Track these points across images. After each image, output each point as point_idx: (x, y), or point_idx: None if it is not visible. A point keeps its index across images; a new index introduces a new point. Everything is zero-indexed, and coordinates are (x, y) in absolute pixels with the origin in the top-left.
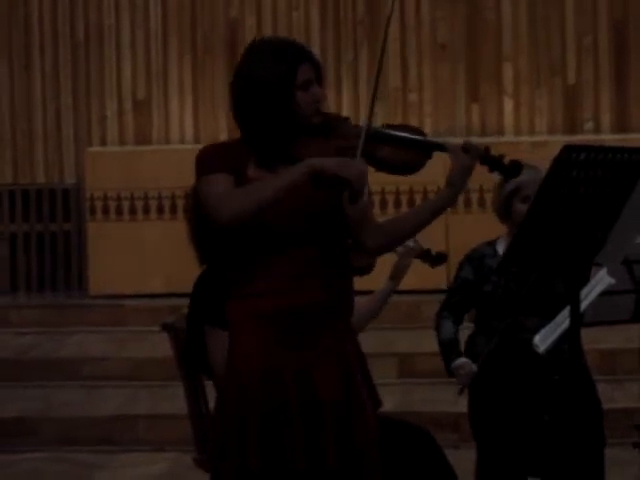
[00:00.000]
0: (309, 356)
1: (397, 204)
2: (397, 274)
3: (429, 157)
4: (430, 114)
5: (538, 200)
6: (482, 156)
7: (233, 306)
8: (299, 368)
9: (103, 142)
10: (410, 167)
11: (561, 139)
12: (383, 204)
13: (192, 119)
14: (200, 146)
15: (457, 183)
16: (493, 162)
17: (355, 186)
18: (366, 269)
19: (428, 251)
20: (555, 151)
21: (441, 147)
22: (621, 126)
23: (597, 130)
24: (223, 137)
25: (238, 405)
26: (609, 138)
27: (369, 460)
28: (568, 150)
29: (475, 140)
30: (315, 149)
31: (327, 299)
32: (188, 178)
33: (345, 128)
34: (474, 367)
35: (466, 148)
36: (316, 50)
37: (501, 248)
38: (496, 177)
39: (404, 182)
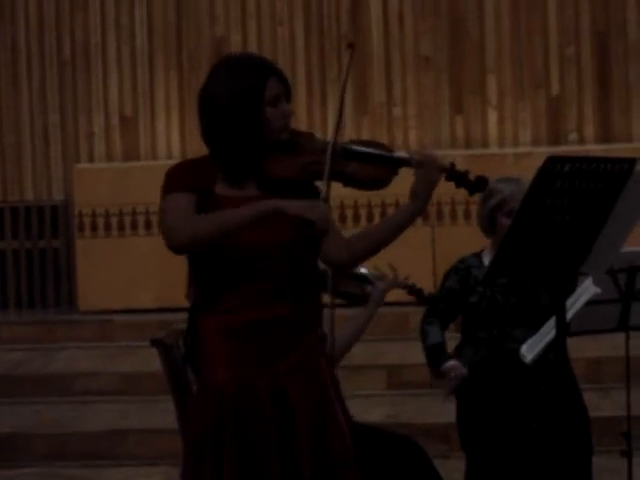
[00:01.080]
0: (280, 370)
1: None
2: (378, 298)
3: (396, 173)
4: (415, 127)
5: (522, 211)
6: (447, 170)
7: (202, 321)
8: (271, 382)
9: (91, 159)
10: (377, 182)
11: (545, 150)
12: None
13: (178, 135)
14: None
15: (422, 196)
16: (459, 178)
17: (319, 227)
18: (361, 299)
19: (420, 290)
20: (539, 162)
21: (406, 162)
22: (605, 136)
23: (581, 141)
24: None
25: (212, 420)
26: (593, 148)
27: (345, 473)
28: (552, 161)
29: (460, 152)
30: (283, 165)
31: (295, 314)
32: None
33: (312, 144)
34: (465, 370)
35: (431, 163)
36: (301, 66)
37: (487, 259)
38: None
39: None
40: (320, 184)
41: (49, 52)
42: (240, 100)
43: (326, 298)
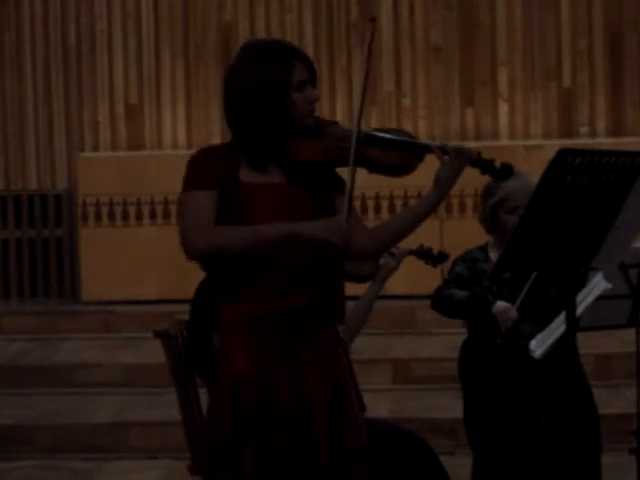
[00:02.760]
0: (299, 360)
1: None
2: (382, 277)
3: (421, 160)
4: (424, 118)
5: (533, 204)
6: (473, 159)
7: (223, 311)
8: (289, 372)
9: (95, 147)
10: (402, 168)
11: (556, 143)
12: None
13: (185, 124)
14: (193, 151)
15: (445, 184)
16: (484, 165)
17: (341, 247)
18: (369, 277)
19: (429, 250)
20: (550, 155)
21: (430, 149)
22: (616, 130)
23: (592, 134)
24: (216, 142)
25: (232, 410)
26: (605, 142)
27: (359, 463)
28: (563, 154)
29: (470, 144)
30: (307, 149)
31: (312, 304)
32: (181, 183)
33: (336, 130)
34: (514, 312)
35: (457, 151)
36: (309, 53)
37: (492, 253)
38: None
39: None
40: (345, 171)
41: (54, 39)
42: (266, 85)
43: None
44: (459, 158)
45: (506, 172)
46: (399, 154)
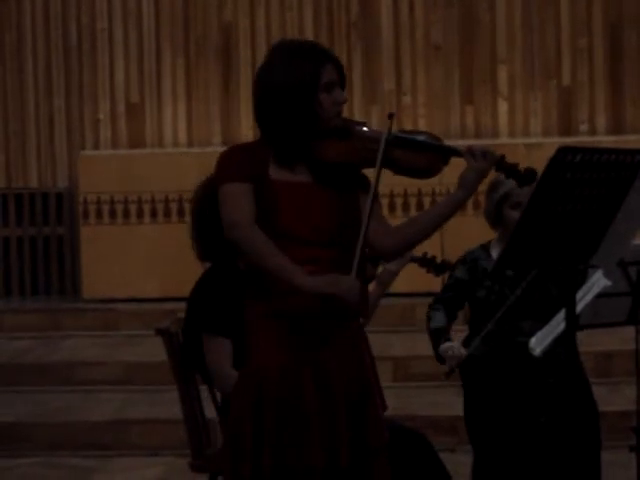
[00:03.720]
0: (325, 355)
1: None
2: (384, 281)
3: (446, 162)
4: (424, 116)
5: (533, 201)
6: (498, 163)
7: (250, 305)
8: (316, 366)
9: (96, 146)
10: (428, 171)
11: (556, 141)
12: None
13: (185, 122)
14: (194, 149)
15: (469, 186)
16: (508, 169)
17: (346, 301)
18: (369, 280)
19: (432, 259)
20: (550, 153)
21: (458, 152)
22: (616, 128)
23: (592, 132)
24: (216, 140)
25: (255, 403)
26: (604, 140)
27: (379, 461)
28: (563, 152)
29: (470, 143)
30: (334, 150)
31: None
32: (182, 181)
33: (365, 132)
34: (463, 350)
35: (483, 154)
36: None
37: (494, 251)
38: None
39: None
40: (371, 171)
41: (55, 37)
42: (296, 85)
43: None
44: (485, 161)
45: (529, 177)
46: (425, 156)
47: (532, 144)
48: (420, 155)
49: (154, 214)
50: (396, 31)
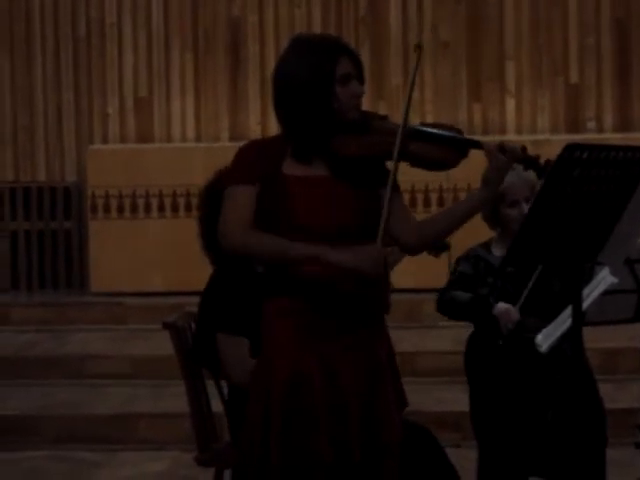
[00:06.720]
0: (335, 351)
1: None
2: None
3: (465, 155)
4: (431, 112)
5: (540, 198)
6: (519, 156)
7: (268, 302)
8: (324, 365)
9: (105, 140)
10: (446, 164)
11: (563, 138)
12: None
13: (194, 117)
14: (202, 144)
15: (493, 182)
16: (529, 161)
17: (370, 277)
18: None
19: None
20: (557, 150)
21: (477, 145)
22: (624, 125)
23: (600, 129)
24: (224, 135)
25: (266, 397)
26: (611, 137)
27: (389, 459)
28: (570, 149)
29: (478, 139)
30: (352, 143)
31: (361, 296)
32: (190, 176)
33: (382, 125)
34: (517, 313)
35: (503, 147)
36: None
37: (495, 250)
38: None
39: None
40: (391, 164)
41: (64, 32)
42: (311, 78)
43: None
44: (506, 155)
45: (549, 168)
46: (441, 149)
47: (539, 141)
48: (438, 147)
49: (162, 208)
50: (404, 27)
